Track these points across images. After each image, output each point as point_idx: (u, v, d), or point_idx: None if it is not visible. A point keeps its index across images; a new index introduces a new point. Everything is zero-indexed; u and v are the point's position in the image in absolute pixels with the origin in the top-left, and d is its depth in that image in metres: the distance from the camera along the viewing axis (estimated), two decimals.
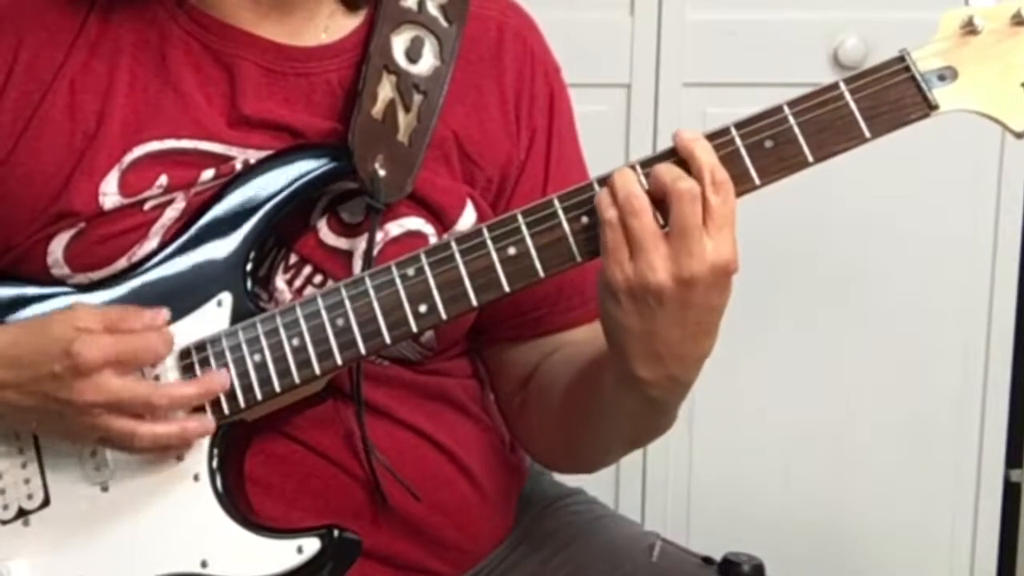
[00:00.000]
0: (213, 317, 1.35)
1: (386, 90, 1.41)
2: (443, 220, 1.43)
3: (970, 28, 1.23)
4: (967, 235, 2.41)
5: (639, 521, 2.31)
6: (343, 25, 1.45)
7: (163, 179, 1.37)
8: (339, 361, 1.31)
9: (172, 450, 1.33)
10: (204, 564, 1.32)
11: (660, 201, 1.22)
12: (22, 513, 1.37)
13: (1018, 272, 2.44)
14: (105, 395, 1.28)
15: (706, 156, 1.22)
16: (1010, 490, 2.52)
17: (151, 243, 1.38)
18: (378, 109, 1.40)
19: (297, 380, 1.32)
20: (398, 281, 1.30)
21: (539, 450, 1.54)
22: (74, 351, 1.27)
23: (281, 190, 1.36)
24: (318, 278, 1.40)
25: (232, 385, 1.33)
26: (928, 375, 2.46)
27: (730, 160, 1.23)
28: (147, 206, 1.38)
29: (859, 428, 2.47)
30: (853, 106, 1.22)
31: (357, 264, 1.39)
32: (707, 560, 1.48)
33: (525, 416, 1.51)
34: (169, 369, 1.34)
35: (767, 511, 2.48)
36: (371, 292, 1.31)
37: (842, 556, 2.50)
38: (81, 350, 1.27)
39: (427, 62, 1.43)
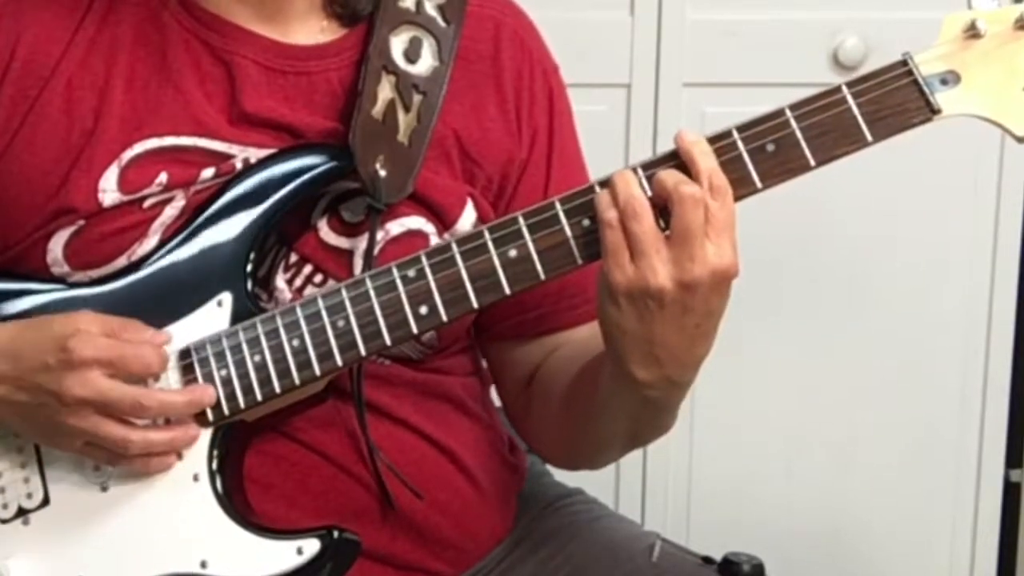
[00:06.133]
0: (213, 317, 1.35)
1: (385, 90, 1.41)
2: (443, 219, 1.43)
3: (973, 32, 1.23)
4: (967, 237, 2.42)
5: (639, 521, 2.32)
6: (341, 25, 1.45)
7: (163, 176, 1.37)
8: (339, 362, 1.31)
9: (156, 460, 1.33)
10: (204, 564, 1.32)
11: (661, 205, 1.22)
12: (22, 512, 1.37)
13: (1018, 272, 2.44)
14: (93, 392, 1.28)
15: (705, 161, 1.22)
16: (1010, 490, 2.53)
17: (151, 241, 1.37)
18: (378, 109, 1.40)
19: (297, 381, 1.32)
20: (399, 282, 1.30)
21: (543, 447, 1.54)
22: (69, 346, 1.27)
23: (282, 189, 1.36)
24: (318, 277, 1.40)
25: (219, 395, 1.33)
26: (928, 376, 2.46)
27: (732, 164, 1.23)
28: (146, 204, 1.38)
29: (859, 428, 2.48)
30: (855, 110, 1.22)
31: (357, 263, 1.39)
32: (707, 560, 1.48)
33: (529, 413, 1.51)
34: (169, 369, 1.34)
35: (767, 511, 2.48)
36: (372, 293, 1.31)
37: (842, 556, 2.50)
38: (76, 345, 1.27)
39: (426, 62, 1.43)
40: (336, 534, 1.32)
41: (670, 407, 1.35)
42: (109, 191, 1.37)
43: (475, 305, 1.29)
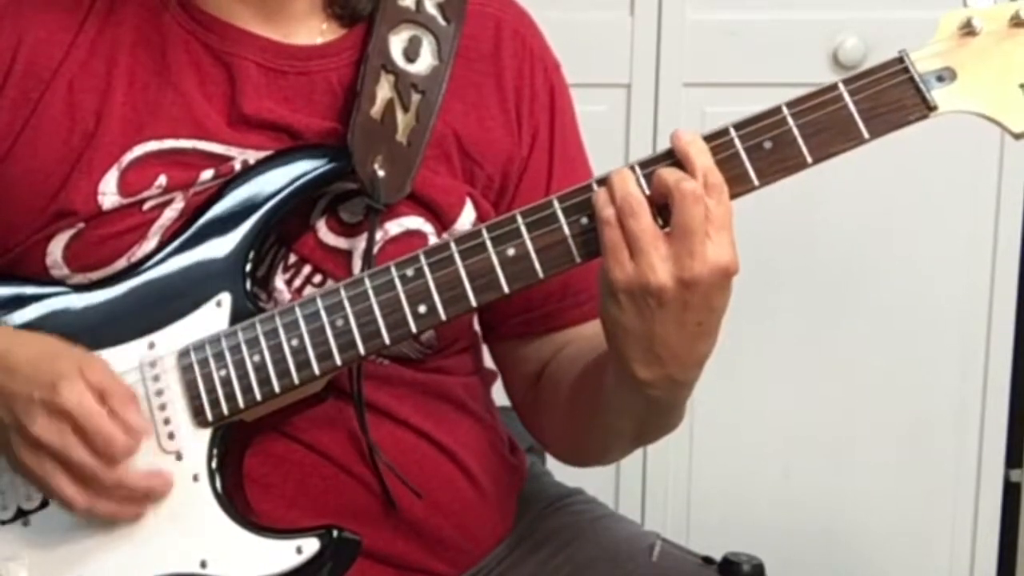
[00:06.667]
0: (212, 317, 1.35)
1: (384, 90, 1.41)
2: (442, 219, 1.43)
3: (969, 29, 1.23)
4: (967, 236, 2.42)
5: (639, 521, 2.32)
6: (341, 25, 1.45)
7: (162, 179, 1.37)
8: (338, 362, 1.31)
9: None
10: (203, 564, 1.32)
11: (659, 203, 1.22)
12: (21, 513, 1.37)
13: (1018, 272, 2.44)
14: (59, 443, 1.27)
15: (701, 159, 1.22)
16: (1010, 490, 2.53)
17: (150, 243, 1.38)
18: (377, 109, 1.40)
19: (296, 381, 1.32)
20: (397, 282, 1.30)
21: (551, 443, 1.54)
22: (59, 388, 1.26)
23: (280, 190, 1.36)
24: (317, 278, 1.40)
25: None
26: (928, 375, 2.46)
27: (729, 161, 1.23)
28: (146, 206, 1.38)
29: (859, 428, 2.48)
30: (852, 107, 1.22)
31: (356, 264, 1.39)
32: (707, 560, 1.48)
33: (538, 410, 1.52)
34: (169, 369, 1.34)
35: (767, 511, 2.49)
36: (370, 293, 1.31)
37: (842, 556, 2.50)
38: (64, 391, 1.26)
39: (425, 61, 1.43)
40: (335, 533, 1.32)
41: (674, 406, 1.35)
42: (109, 194, 1.37)
43: (474, 304, 1.29)
